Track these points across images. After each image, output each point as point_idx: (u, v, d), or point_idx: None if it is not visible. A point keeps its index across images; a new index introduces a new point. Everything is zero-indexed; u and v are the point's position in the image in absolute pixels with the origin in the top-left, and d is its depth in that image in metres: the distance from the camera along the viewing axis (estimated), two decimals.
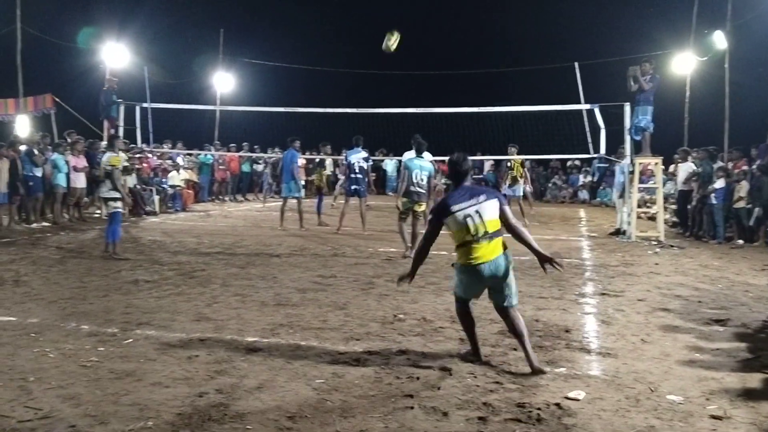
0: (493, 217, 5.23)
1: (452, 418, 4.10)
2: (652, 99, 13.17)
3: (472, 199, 5.24)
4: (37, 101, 19.83)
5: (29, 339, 5.63)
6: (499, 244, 5.24)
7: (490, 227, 5.19)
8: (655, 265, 10.41)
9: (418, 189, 10.36)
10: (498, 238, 5.24)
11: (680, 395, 4.56)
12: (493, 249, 5.18)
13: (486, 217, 5.19)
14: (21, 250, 10.62)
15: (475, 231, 5.16)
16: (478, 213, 5.19)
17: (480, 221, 5.17)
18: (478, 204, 5.22)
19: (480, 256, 5.14)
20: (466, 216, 5.18)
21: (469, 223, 5.17)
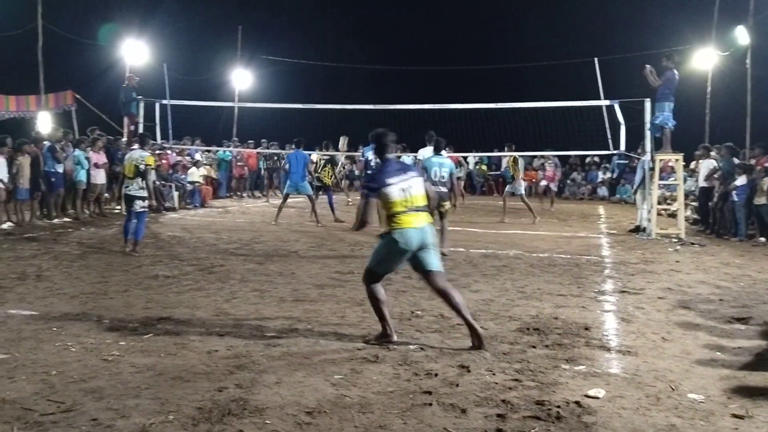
0: (421, 192, 5.74)
1: (471, 415, 4.10)
2: (669, 94, 13.03)
3: (403, 174, 5.71)
4: (58, 98, 20.08)
5: (51, 333, 5.69)
6: (427, 216, 5.71)
7: (419, 201, 5.68)
8: (676, 262, 10.32)
9: (439, 188, 9.91)
10: (425, 212, 5.72)
11: (701, 394, 4.52)
12: (422, 218, 5.65)
13: (415, 192, 5.68)
14: (43, 245, 10.73)
15: (408, 203, 5.61)
16: (410, 187, 5.66)
17: (411, 195, 5.64)
18: (409, 179, 5.70)
19: (412, 221, 5.57)
20: (401, 190, 5.62)
21: (404, 196, 5.61)
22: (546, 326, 6.22)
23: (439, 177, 10.07)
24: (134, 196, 10.09)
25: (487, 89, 23.73)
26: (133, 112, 16.92)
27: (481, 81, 27.45)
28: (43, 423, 3.83)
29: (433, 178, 9.99)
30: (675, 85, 13.18)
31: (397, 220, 5.57)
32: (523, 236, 13.27)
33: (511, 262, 10.03)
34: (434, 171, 10.11)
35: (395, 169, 5.75)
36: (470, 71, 27.31)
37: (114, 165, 15.90)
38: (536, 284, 8.32)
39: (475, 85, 27.02)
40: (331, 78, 29.29)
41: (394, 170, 5.72)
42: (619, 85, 16.05)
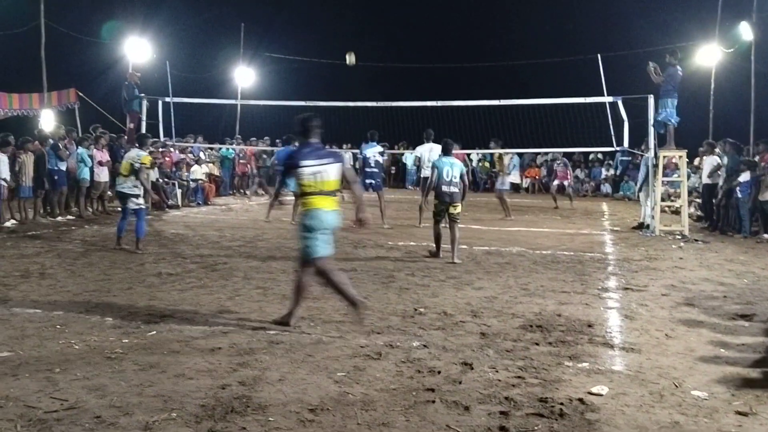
0: (335, 178, 6.02)
1: (474, 412, 4.09)
2: (672, 91, 13.00)
3: (319, 159, 5.97)
4: (61, 96, 20.09)
5: (55, 331, 5.69)
6: (335, 201, 6.05)
7: (331, 186, 5.99)
8: (680, 259, 10.31)
9: (451, 189, 9.71)
10: (335, 197, 6.06)
11: (705, 391, 4.51)
12: (332, 202, 5.99)
13: (329, 177, 5.96)
14: (46, 243, 10.75)
15: (317, 187, 5.92)
16: (323, 172, 5.93)
17: (322, 179, 5.92)
18: (326, 165, 5.96)
19: (324, 204, 5.92)
20: (313, 173, 5.90)
21: (314, 179, 5.91)
22: (549, 323, 6.22)
23: (451, 177, 9.75)
24: (127, 194, 10.13)
25: (490, 86, 23.70)
26: (135, 110, 16.92)
27: (484, 78, 27.42)
28: (47, 420, 3.83)
29: (445, 177, 9.73)
30: (678, 82, 13.15)
31: (307, 201, 5.94)
32: (526, 233, 13.25)
33: (514, 259, 10.02)
34: (446, 170, 9.76)
35: (313, 152, 6.01)
36: (473, 68, 27.32)
37: (117, 163, 15.87)
38: (539, 281, 8.32)
39: (478, 83, 26.98)
40: (334, 75, 29.27)
41: (312, 153, 5.98)
42: (622, 81, 16.04)
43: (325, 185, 5.94)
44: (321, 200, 5.91)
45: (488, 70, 26.88)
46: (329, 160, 6.03)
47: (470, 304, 6.97)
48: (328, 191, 5.97)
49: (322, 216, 5.88)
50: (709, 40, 22.75)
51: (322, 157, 6.02)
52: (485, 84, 25.91)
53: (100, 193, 15.22)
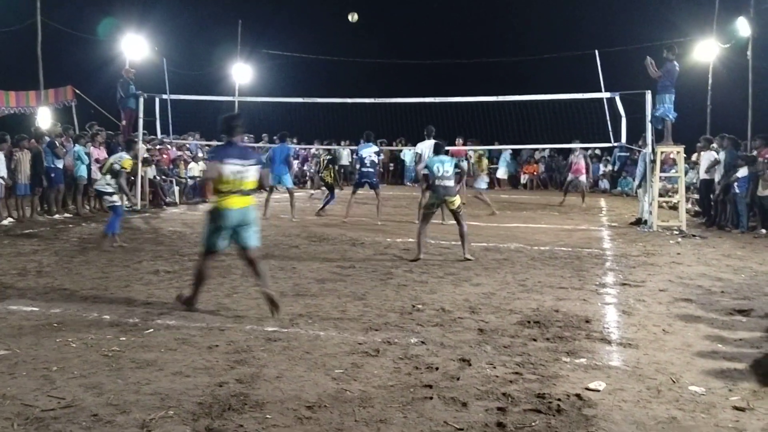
0: (253, 179, 6.36)
1: (471, 408, 4.09)
2: (670, 86, 13.02)
3: (242, 159, 6.30)
4: (57, 93, 20.04)
5: (52, 329, 5.68)
6: (250, 198, 6.38)
7: (248, 186, 6.32)
8: (677, 255, 10.31)
9: (444, 182, 9.57)
10: (251, 196, 6.40)
11: (702, 386, 4.51)
12: (245, 200, 6.29)
13: (247, 178, 6.30)
14: (43, 241, 10.73)
15: (236, 186, 6.22)
16: (243, 172, 6.25)
17: (241, 179, 6.24)
18: (247, 165, 6.29)
19: (233, 203, 6.21)
20: (233, 172, 6.20)
21: (234, 177, 6.21)
22: (547, 319, 6.22)
23: (442, 172, 9.62)
24: (101, 191, 10.40)
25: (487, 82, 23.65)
26: (131, 107, 16.83)
27: (482, 74, 27.40)
28: (44, 419, 3.83)
29: (436, 173, 9.60)
30: (675, 77, 13.15)
31: (221, 199, 6.23)
32: (524, 230, 13.25)
33: (512, 255, 10.03)
34: (436, 167, 9.65)
35: (237, 152, 6.33)
36: (472, 64, 27.29)
37: None
38: (537, 277, 8.32)
39: (476, 79, 26.94)
40: (332, 72, 29.28)
41: (235, 153, 6.31)
42: (620, 77, 16.03)
43: (243, 185, 6.27)
44: (234, 199, 6.21)
45: (486, 66, 26.84)
46: (251, 162, 6.36)
47: (468, 301, 6.97)
48: (246, 191, 6.30)
49: (229, 215, 6.19)
50: (706, 36, 22.74)
51: (245, 157, 6.35)
52: (484, 80, 25.89)
53: None
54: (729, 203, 13.68)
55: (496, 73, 26.85)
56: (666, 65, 13.07)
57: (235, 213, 6.21)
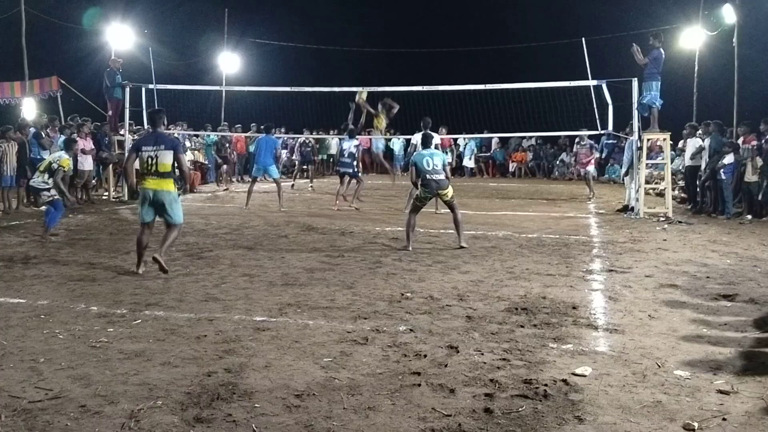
0: (165, 161, 7.46)
1: (459, 394, 4.12)
2: (656, 74, 13.05)
3: (155, 144, 7.53)
4: (43, 84, 19.88)
5: (39, 321, 5.67)
6: (167, 183, 7.54)
7: (161, 168, 7.46)
8: (663, 241, 10.38)
9: (435, 176, 9.53)
10: (168, 179, 7.55)
11: (687, 370, 4.56)
12: (160, 183, 7.49)
13: (160, 161, 7.45)
14: (30, 232, 10.67)
15: (149, 167, 7.48)
16: (156, 156, 7.46)
17: (154, 162, 7.45)
18: (158, 150, 7.48)
19: (149, 184, 7.49)
20: (147, 156, 7.50)
21: (149, 161, 7.48)
22: (534, 306, 6.26)
23: (432, 166, 9.55)
24: (36, 188, 10.26)
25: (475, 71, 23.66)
26: (117, 97, 16.73)
27: (469, 62, 27.38)
28: (31, 410, 3.82)
29: (426, 167, 9.53)
30: (662, 64, 13.20)
31: (141, 180, 7.60)
32: (512, 217, 13.30)
33: (500, 242, 10.06)
34: (425, 161, 9.59)
35: (151, 139, 7.66)
36: (458, 53, 27.24)
37: (101, 151, 15.81)
38: (525, 264, 8.36)
39: (463, 67, 26.94)
40: (320, 60, 29.16)
41: (150, 140, 7.67)
42: (606, 65, 16.06)
43: (157, 167, 7.48)
44: (150, 180, 7.49)
45: (474, 54, 26.82)
46: (163, 147, 7.52)
47: (456, 288, 7.00)
48: (160, 172, 7.48)
49: (146, 193, 7.52)
50: (692, 23, 22.80)
51: (159, 143, 7.55)
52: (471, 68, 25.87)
53: (84, 181, 15.11)
54: (715, 190, 13.76)
55: (483, 62, 26.84)
56: (652, 52, 13.10)
57: (150, 193, 7.51)
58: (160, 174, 7.47)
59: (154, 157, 7.47)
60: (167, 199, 7.55)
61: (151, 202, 7.55)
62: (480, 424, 3.71)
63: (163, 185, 7.52)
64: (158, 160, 7.46)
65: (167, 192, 7.57)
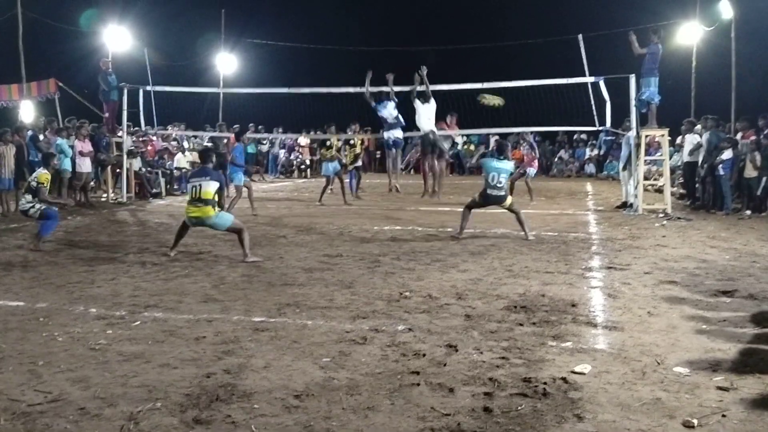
0: (207, 191, 8.35)
1: (458, 393, 4.12)
2: (654, 69, 13.05)
3: (200, 177, 8.52)
4: (40, 86, 19.86)
5: (38, 323, 5.66)
6: (207, 209, 8.37)
7: (203, 196, 8.34)
8: (662, 237, 10.38)
9: (495, 192, 10.03)
10: (208, 206, 8.36)
11: (687, 367, 4.56)
12: (200, 210, 8.39)
13: (202, 191, 8.35)
14: (28, 234, 10.64)
15: (192, 196, 8.44)
16: (199, 186, 8.38)
17: (197, 192, 8.37)
18: (202, 180, 8.42)
19: (190, 211, 8.50)
20: (191, 186, 8.53)
21: (192, 191, 8.44)
22: (533, 304, 6.26)
23: (496, 182, 10.00)
24: (23, 210, 9.72)
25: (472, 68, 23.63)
26: (114, 99, 16.69)
27: (466, 60, 27.32)
28: (31, 413, 3.82)
29: (491, 182, 10.01)
30: (658, 60, 13.18)
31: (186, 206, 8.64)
32: (511, 215, 13.23)
33: (498, 241, 10.06)
34: (492, 176, 10.00)
35: (199, 172, 8.75)
36: (456, 50, 27.18)
37: (99, 153, 15.79)
38: (524, 262, 8.36)
39: (460, 64, 26.87)
40: (318, 60, 29.09)
41: (197, 172, 8.85)
42: (604, 61, 16.03)
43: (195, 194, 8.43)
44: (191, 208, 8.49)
45: (471, 51, 26.78)
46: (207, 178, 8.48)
47: (455, 287, 7.00)
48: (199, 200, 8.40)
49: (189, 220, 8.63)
50: (689, 18, 22.81)
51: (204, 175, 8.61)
52: (468, 66, 25.84)
53: (82, 183, 15.10)
54: (713, 185, 13.76)
55: (479, 59, 26.79)
56: (651, 46, 13.06)
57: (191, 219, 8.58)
58: (202, 202, 8.37)
59: (196, 187, 8.40)
60: (207, 222, 8.49)
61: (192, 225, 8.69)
62: (479, 423, 3.71)
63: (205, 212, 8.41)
64: (200, 189, 8.36)
65: (207, 217, 8.43)
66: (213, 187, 8.37)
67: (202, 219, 8.41)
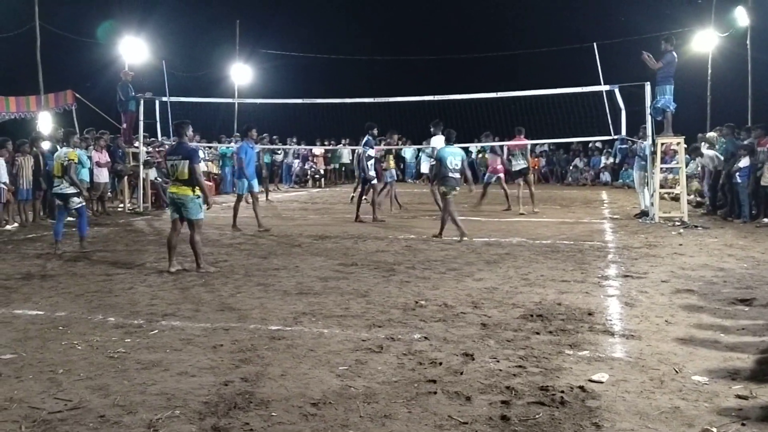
0: (183, 170, 8.23)
1: (475, 402, 4.11)
2: (669, 77, 13.01)
3: (177, 154, 8.39)
4: (58, 98, 20.08)
5: (57, 332, 5.71)
6: (186, 189, 8.29)
7: (180, 176, 8.27)
8: (679, 245, 10.32)
9: (455, 174, 10.91)
10: (187, 186, 8.29)
11: (705, 376, 4.53)
12: (180, 189, 8.32)
13: (179, 169, 8.26)
14: (47, 244, 10.76)
15: (172, 174, 8.39)
16: (177, 165, 8.28)
17: (175, 170, 8.31)
18: (179, 159, 8.29)
19: (172, 189, 8.45)
20: (170, 164, 8.44)
21: (171, 169, 8.39)
22: (550, 312, 6.24)
23: (454, 165, 10.91)
24: (66, 194, 10.07)
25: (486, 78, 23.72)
26: (131, 110, 16.87)
27: (480, 69, 27.38)
28: (51, 421, 3.85)
29: (449, 166, 10.86)
30: (674, 68, 13.15)
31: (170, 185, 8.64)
32: (526, 224, 13.27)
33: (514, 249, 10.04)
34: (449, 160, 10.89)
35: (176, 149, 8.58)
36: (470, 60, 27.27)
37: (116, 163, 15.93)
38: (540, 271, 8.34)
39: (474, 74, 26.96)
40: (332, 71, 29.27)
41: (175, 149, 8.63)
42: (619, 69, 16.01)
43: (174, 173, 8.33)
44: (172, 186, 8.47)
45: (485, 61, 26.85)
46: (182, 156, 8.30)
47: (471, 296, 6.99)
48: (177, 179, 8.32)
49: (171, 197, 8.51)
50: (704, 26, 22.72)
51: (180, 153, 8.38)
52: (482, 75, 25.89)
53: (100, 193, 15.24)
54: (730, 193, 13.65)
55: (495, 69, 26.83)
56: (666, 56, 13.04)
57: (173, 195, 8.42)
58: (181, 181, 8.28)
59: (174, 165, 8.31)
60: (187, 202, 8.33)
61: (173, 204, 8.51)
62: None
63: (184, 191, 8.31)
64: (178, 168, 8.26)
65: (188, 198, 8.32)
66: (185, 167, 8.26)
67: (181, 198, 8.33)
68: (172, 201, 8.50)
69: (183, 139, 8.61)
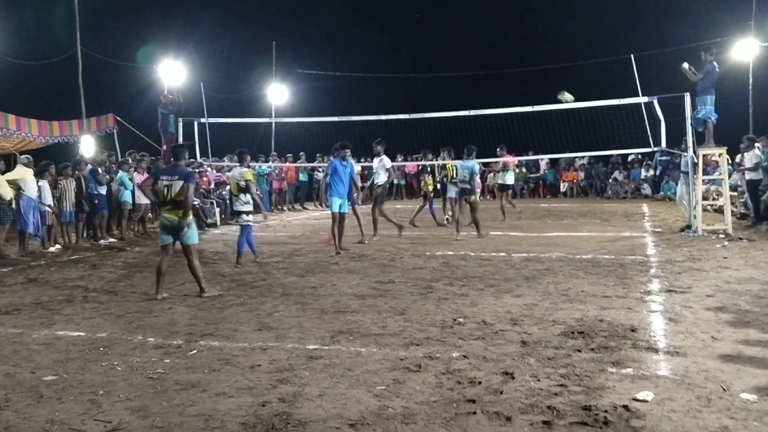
0: (178, 192, 7.97)
1: (516, 422, 4.03)
2: (710, 87, 12.78)
3: (171, 175, 8.11)
4: (99, 121, 20.50)
5: (98, 353, 5.78)
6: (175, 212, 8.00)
7: (176, 197, 8.00)
8: (724, 259, 10.07)
9: (463, 185, 13.16)
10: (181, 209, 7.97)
11: (755, 393, 4.38)
12: (176, 213, 7.99)
13: (173, 191, 8.00)
14: (89, 266, 10.94)
15: (164, 197, 8.07)
16: (171, 186, 8.01)
17: (168, 192, 8.02)
18: (172, 180, 8.03)
19: (164, 214, 8.13)
20: (163, 185, 8.06)
21: (164, 191, 8.05)
22: (591, 329, 6.12)
23: (461, 176, 13.15)
24: (238, 210, 11.10)
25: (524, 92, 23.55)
26: (171, 132, 17.16)
27: (518, 84, 27.26)
28: None
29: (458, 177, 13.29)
30: (716, 78, 12.91)
31: (160, 210, 8.29)
32: (565, 238, 13.09)
33: (553, 264, 9.90)
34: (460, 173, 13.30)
35: (170, 170, 8.31)
36: (507, 74, 27.16)
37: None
38: (580, 287, 8.19)
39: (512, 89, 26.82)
40: (367, 89, 29.41)
41: (168, 170, 8.34)
42: (656, 80, 15.79)
43: (167, 195, 8.04)
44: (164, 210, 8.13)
45: (523, 75, 26.71)
46: (177, 177, 8.05)
47: (510, 312, 6.89)
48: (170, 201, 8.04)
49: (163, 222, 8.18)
50: (745, 34, 22.32)
51: (174, 174, 8.11)
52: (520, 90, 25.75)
53: (141, 215, 15.47)
54: None
55: (532, 83, 26.68)
56: (706, 66, 12.82)
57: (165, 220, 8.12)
58: (174, 203, 8.06)
59: (170, 186, 8.05)
60: (179, 227, 8.05)
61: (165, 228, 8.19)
62: None
63: (175, 215, 8.05)
64: (172, 190, 8.04)
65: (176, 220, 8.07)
66: (179, 188, 8.03)
67: (174, 223, 8.01)
68: (164, 226, 8.16)
69: (180, 161, 8.44)
